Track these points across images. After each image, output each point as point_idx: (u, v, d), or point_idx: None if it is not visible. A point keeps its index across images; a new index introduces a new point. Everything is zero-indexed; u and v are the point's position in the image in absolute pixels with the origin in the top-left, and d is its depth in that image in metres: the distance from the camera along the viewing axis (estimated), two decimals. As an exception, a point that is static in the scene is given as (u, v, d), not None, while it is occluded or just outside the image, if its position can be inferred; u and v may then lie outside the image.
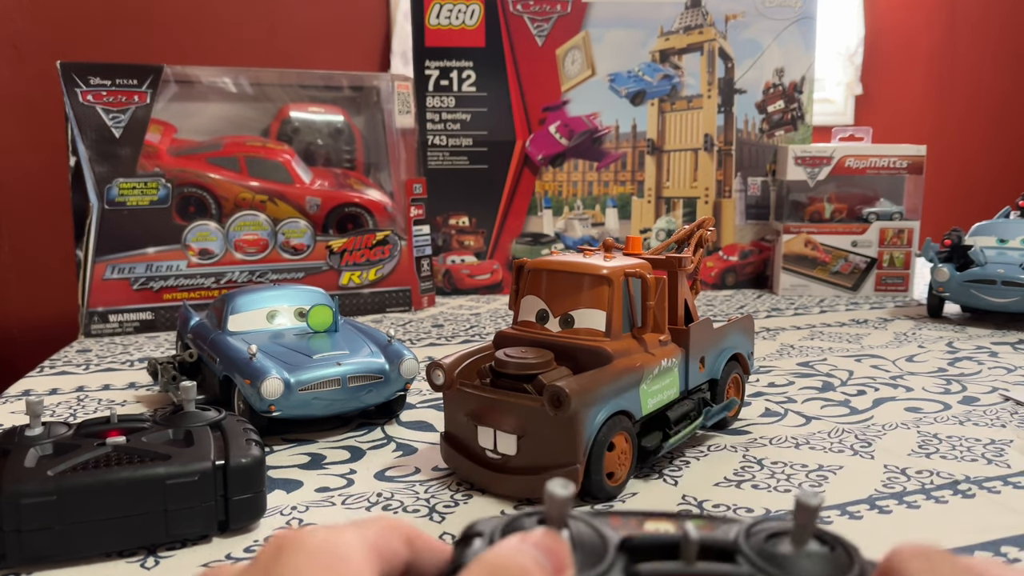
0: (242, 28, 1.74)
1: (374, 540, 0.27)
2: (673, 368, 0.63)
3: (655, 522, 0.27)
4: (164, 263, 1.14)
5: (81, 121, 1.10)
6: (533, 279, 0.63)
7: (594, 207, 1.42)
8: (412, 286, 1.26)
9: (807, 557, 0.26)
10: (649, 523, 0.27)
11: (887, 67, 2.24)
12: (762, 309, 1.27)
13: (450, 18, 1.33)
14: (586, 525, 0.26)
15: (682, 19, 1.39)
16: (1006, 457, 0.65)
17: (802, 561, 0.26)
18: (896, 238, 1.34)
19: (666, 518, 0.27)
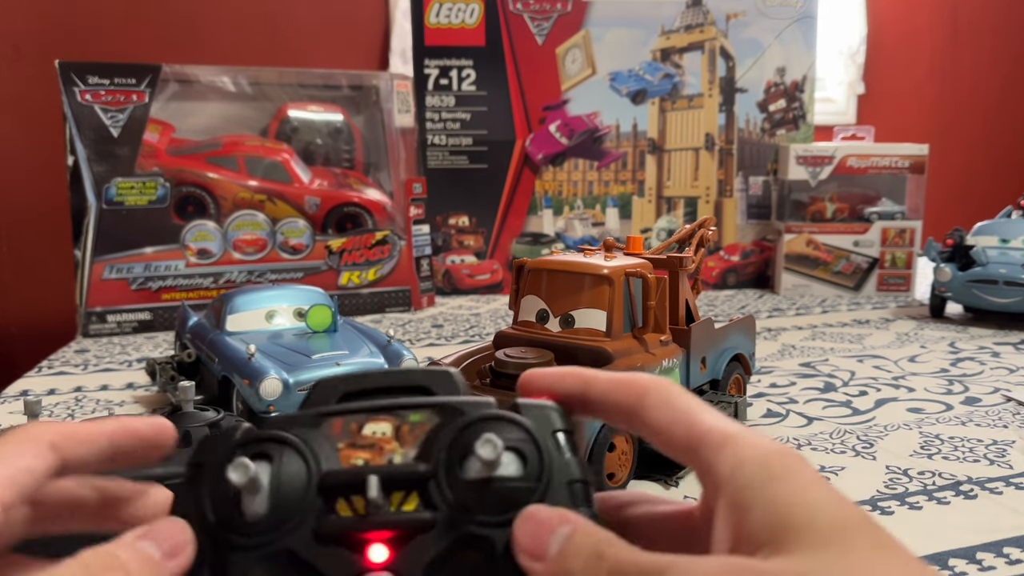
0: (241, 27, 1.74)
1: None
2: (674, 368, 0.63)
3: (374, 423, 0.28)
4: (162, 263, 1.14)
5: (79, 120, 1.10)
6: (533, 279, 0.63)
7: (594, 207, 1.42)
8: (412, 286, 1.26)
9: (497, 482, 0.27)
10: (369, 425, 0.28)
11: (889, 66, 2.24)
12: (763, 309, 1.27)
13: (450, 17, 1.33)
14: (295, 455, 0.27)
15: (683, 18, 1.38)
16: (1008, 458, 0.64)
17: (492, 488, 0.27)
18: (898, 238, 1.34)
19: (385, 415, 0.28)
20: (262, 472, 0.27)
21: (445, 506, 0.27)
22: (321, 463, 0.27)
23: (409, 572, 0.27)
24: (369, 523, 0.27)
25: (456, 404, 0.29)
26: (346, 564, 0.27)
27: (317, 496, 0.27)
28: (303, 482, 0.27)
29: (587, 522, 0.25)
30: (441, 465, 0.27)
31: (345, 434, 0.28)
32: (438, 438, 0.28)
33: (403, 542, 0.27)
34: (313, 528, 0.27)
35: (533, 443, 0.27)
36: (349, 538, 0.27)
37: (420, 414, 0.28)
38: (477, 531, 0.27)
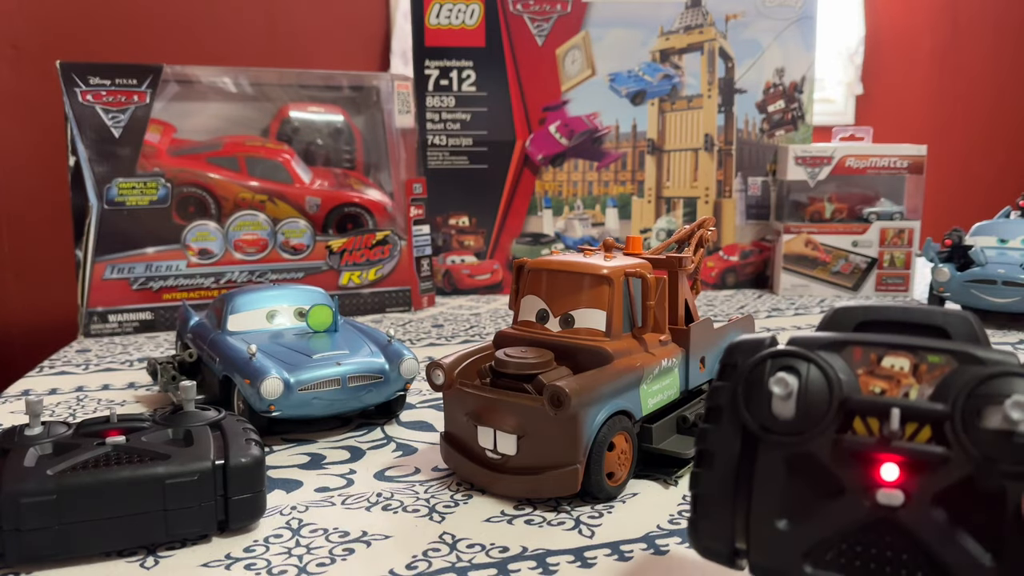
0: (242, 28, 1.74)
1: None
2: (673, 368, 0.63)
3: (894, 357, 0.32)
4: (164, 263, 1.14)
5: (81, 121, 1.10)
6: (533, 279, 0.63)
7: (594, 207, 1.42)
8: (412, 286, 1.26)
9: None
10: (888, 359, 0.32)
11: (888, 67, 2.24)
12: (762, 309, 1.27)
13: (450, 18, 1.33)
14: (819, 373, 0.32)
15: (682, 19, 1.38)
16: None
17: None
18: (896, 238, 1.34)
19: (905, 352, 0.32)
20: (789, 382, 0.32)
21: (959, 447, 0.30)
22: (842, 384, 0.32)
23: (918, 497, 0.31)
24: (890, 447, 0.31)
25: (977, 354, 0.31)
26: (860, 475, 0.31)
27: (837, 412, 0.32)
28: (825, 397, 0.32)
29: None
30: (959, 409, 0.30)
31: (865, 362, 0.33)
32: (956, 383, 0.31)
33: (913, 469, 0.31)
34: (833, 439, 0.32)
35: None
36: (865, 454, 0.31)
37: (939, 357, 0.32)
38: (991, 478, 0.30)
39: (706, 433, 0.35)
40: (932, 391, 0.31)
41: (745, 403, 0.33)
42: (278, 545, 0.52)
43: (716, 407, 0.34)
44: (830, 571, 0.32)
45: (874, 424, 0.32)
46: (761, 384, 0.32)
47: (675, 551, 0.50)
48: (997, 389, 0.30)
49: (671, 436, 0.63)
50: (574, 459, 0.55)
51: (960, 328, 0.33)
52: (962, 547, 0.31)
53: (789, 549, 0.33)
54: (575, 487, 0.55)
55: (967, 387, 0.30)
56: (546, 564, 0.48)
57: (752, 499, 0.33)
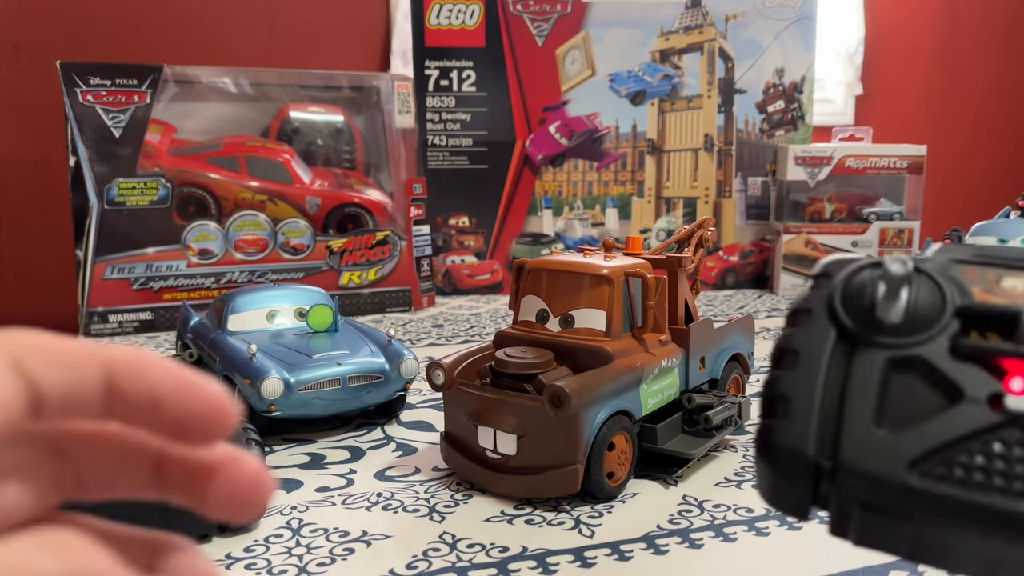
0: (242, 28, 1.74)
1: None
2: (673, 368, 0.63)
3: (1015, 278, 0.29)
4: (164, 263, 1.14)
5: (81, 121, 1.10)
6: (533, 279, 0.63)
7: (594, 207, 1.42)
8: (412, 286, 1.26)
9: None
10: (1008, 279, 0.29)
11: (887, 67, 2.24)
12: (762, 309, 1.27)
13: (450, 18, 1.33)
14: (930, 282, 0.29)
15: (682, 19, 1.39)
16: (1006, 457, 0.65)
17: None
18: (896, 238, 1.34)
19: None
20: (900, 277, 0.28)
21: None
22: (955, 294, 0.29)
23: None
24: (1017, 352, 0.27)
25: None
26: (983, 382, 0.28)
27: (953, 320, 0.28)
28: (938, 304, 0.28)
29: None
30: None
31: (981, 280, 0.29)
32: None
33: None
34: (950, 345, 0.28)
35: None
36: (990, 361, 0.28)
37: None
38: None
39: (790, 335, 0.31)
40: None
41: (843, 304, 0.30)
42: (278, 545, 0.52)
43: (804, 310, 0.30)
44: (942, 485, 0.28)
45: (993, 336, 0.28)
46: (863, 289, 0.29)
47: (675, 551, 0.50)
48: None
49: (675, 436, 0.63)
50: (574, 459, 0.55)
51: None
52: None
53: (893, 456, 0.29)
54: (575, 487, 0.55)
55: None
56: (546, 564, 0.48)
57: (845, 404, 0.29)
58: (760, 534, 0.52)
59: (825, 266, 0.31)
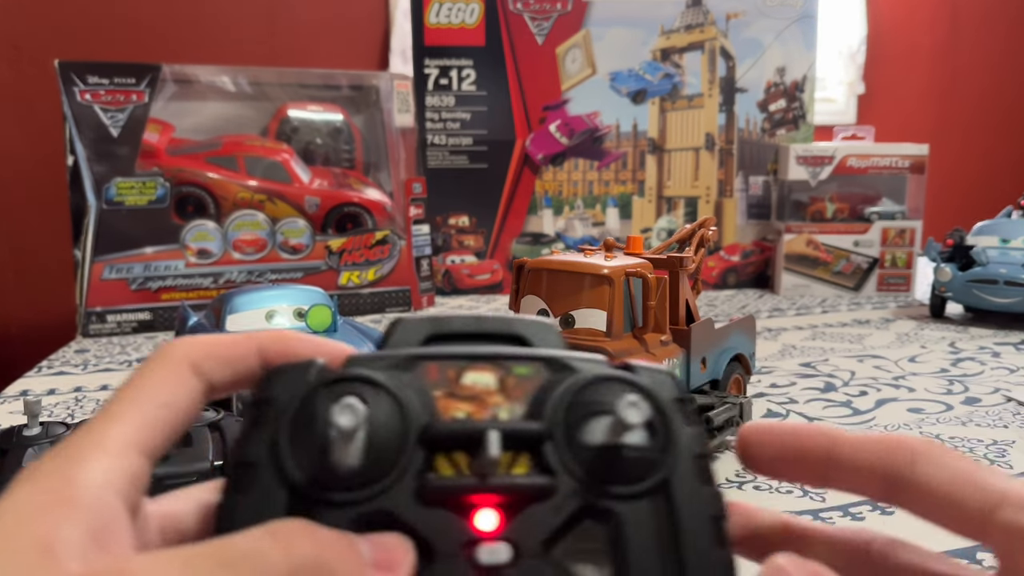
0: (240, 27, 1.74)
1: (138, 435, 0.23)
2: (674, 369, 0.63)
3: (476, 372, 0.25)
4: (162, 263, 1.14)
5: (79, 120, 1.10)
6: (533, 279, 0.63)
7: (595, 206, 1.42)
8: (412, 286, 1.26)
9: (622, 448, 0.24)
10: (470, 374, 0.25)
11: (889, 66, 2.24)
12: (764, 309, 1.27)
13: (450, 16, 1.32)
14: (389, 400, 0.23)
15: (683, 18, 1.38)
16: (1008, 458, 0.64)
17: (615, 452, 0.24)
18: (898, 238, 1.34)
19: (488, 364, 0.25)
20: (359, 411, 0.23)
21: (565, 472, 0.24)
22: (419, 412, 0.24)
23: (525, 544, 0.24)
24: (488, 484, 0.23)
25: (567, 360, 0.25)
26: (453, 530, 0.23)
27: (417, 449, 0.24)
28: (400, 433, 0.23)
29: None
30: (560, 426, 0.24)
31: (443, 382, 0.25)
32: (551, 396, 0.24)
33: (515, 509, 0.24)
34: (415, 487, 0.23)
35: (659, 411, 0.24)
36: (455, 501, 0.24)
37: (527, 367, 0.25)
38: (604, 503, 0.24)
39: (233, 508, 0.23)
40: (526, 409, 0.25)
41: (292, 453, 0.23)
42: (276, 547, 0.51)
43: (246, 465, 0.23)
44: None
45: (461, 460, 0.24)
46: (314, 424, 0.23)
47: (677, 553, 0.49)
48: (594, 397, 0.24)
49: None
50: (575, 460, 0.54)
51: (543, 336, 0.27)
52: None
53: None
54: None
55: (564, 398, 0.24)
56: (546, 566, 0.48)
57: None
58: (762, 536, 0.52)
59: (266, 385, 0.24)
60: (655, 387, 0.25)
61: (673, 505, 0.24)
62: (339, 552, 0.22)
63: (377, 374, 0.24)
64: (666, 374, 0.26)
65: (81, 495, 0.22)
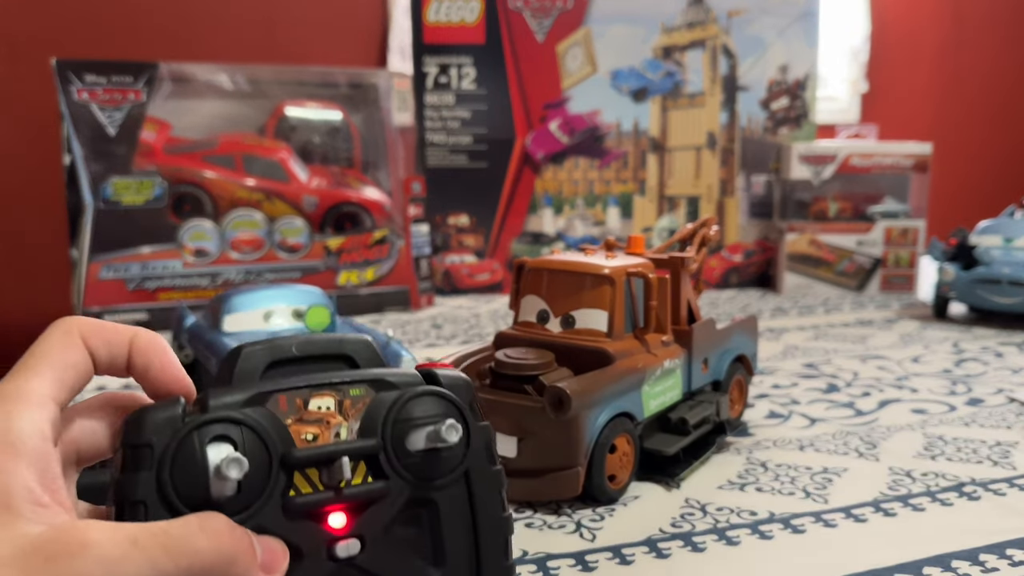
0: (238, 24, 1.73)
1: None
2: (676, 369, 0.62)
3: (319, 398, 0.31)
4: (159, 263, 1.13)
5: (76, 119, 1.09)
6: (533, 279, 0.62)
7: (595, 206, 1.41)
8: (411, 286, 1.25)
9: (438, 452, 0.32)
10: (314, 401, 0.31)
11: (892, 64, 2.23)
12: (766, 309, 1.26)
13: (449, 14, 1.32)
14: (253, 436, 0.29)
15: (685, 15, 1.37)
16: (1012, 459, 0.64)
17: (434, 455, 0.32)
18: (901, 237, 1.33)
19: (328, 390, 0.31)
20: (226, 454, 0.28)
21: (395, 475, 0.32)
22: (278, 441, 0.29)
23: (371, 535, 0.31)
24: (339, 498, 0.30)
25: (388, 378, 0.32)
26: (315, 534, 0.30)
27: (279, 473, 0.29)
28: (266, 461, 0.29)
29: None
30: (389, 440, 0.31)
31: (292, 410, 0.30)
32: (378, 413, 0.31)
33: (360, 511, 0.31)
34: (281, 505, 0.29)
35: (462, 416, 0.33)
36: (315, 511, 0.30)
37: (359, 389, 0.32)
38: (426, 494, 0.32)
39: None
40: (360, 424, 0.31)
41: (176, 491, 0.27)
42: (272, 550, 0.51)
43: (136, 503, 0.27)
44: None
45: (314, 475, 0.30)
46: (193, 464, 0.27)
47: (677, 554, 0.49)
48: (413, 412, 0.32)
49: (653, 435, 0.62)
50: (575, 461, 0.54)
51: (364, 353, 0.33)
52: (414, 571, 0.33)
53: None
54: (576, 490, 0.54)
55: (389, 415, 0.31)
56: (547, 568, 0.47)
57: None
58: (763, 537, 0.51)
59: (138, 431, 0.28)
60: (456, 394, 0.33)
61: (471, 487, 0.34)
62: (245, 549, 0.28)
63: (239, 414, 0.29)
64: (463, 380, 0.34)
65: (24, 443, 0.26)
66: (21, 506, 0.25)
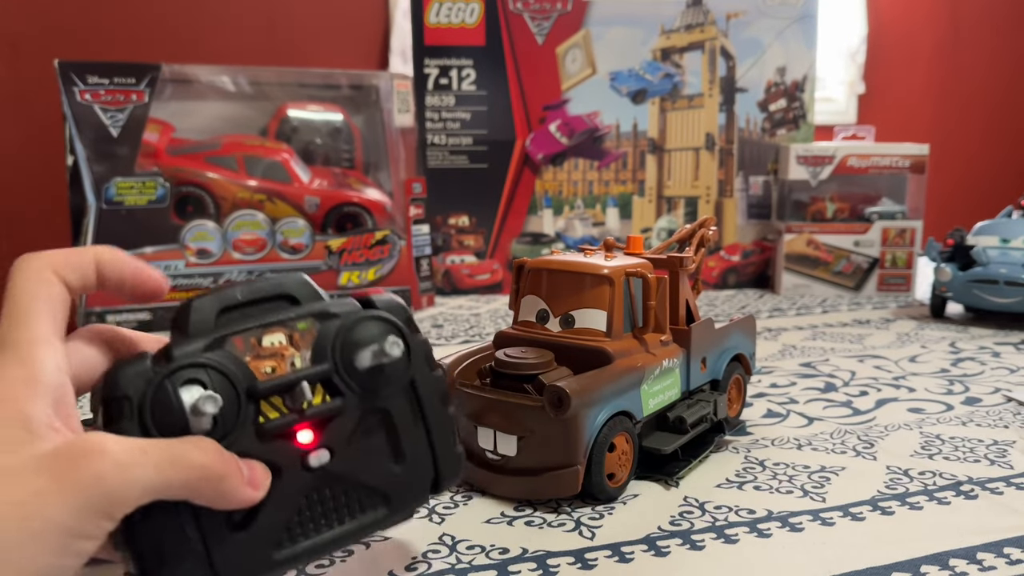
0: (240, 26, 1.74)
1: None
2: (674, 368, 0.63)
3: (271, 335, 0.35)
4: (162, 263, 1.14)
5: (79, 120, 1.10)
6: (533, 279, 0.63)
7: (595, 206, 1.42)
8: (411, 286, 1.25)
9: (384, 367, 0.36)
10: (267, 337, 0.34)
11: (890, 66, 2.24)
12: (764, 309, 1.27)
13: (449, 16, 1.32)
14: (221, 377, 0.32)
15: (683, 17, 1.38)
16: (1009, 458, 0.64)
17: (379, 371, 0.36)
18: (898, 238, 1.34)
19: (278, 327, 0.35)
20: (199, 394, 0.32)
21: (349, 391, 0.36)
22: (241, 378, 0.33)
23: (336, 444, 0.36)
24: (304, 418, 0.34)
25: (330, 310, 0.36)
26: (288, 451, 0.34)
27: (248, 404, 0.33)
28: (234, 397, 0.33)
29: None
30: (340, 362, 0.35)
31: (248, 348, 0.34)
32: (326, 340, 0.35)
33: (323, 424, 0.35)
34: (254, 432, 0.33)
35: (400, 332, 0.37)
36: (285, 431, 0.34)
37: (305, 322, 0.35)
38: (379, 404, 0.37)
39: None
40: (311, 353, 0.35)
41: (160, 434, 0.31)
42: (275, 547, 0.51)
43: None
44: (299, 541, 0.35)
45: (278, 402, 0.34)
46: (171, 408, 0.31)
47: (676, 552, 0.49)
48: (357, 334, 0.36)
49: (651, 434, 0.62)
50: (574, 460, 0.54)
51: (303, 290, 0.37)
52: (381, 468, 0.38)
53: (258, 551, 0.34)
54: (575, 488, 0.55)
55: (336, 341, 0.35)
56: (546, 566, 0.48)
57: (201, 523, 0.32)
58: (762, 535, 0.51)
59: (115, 386, 0.31)
60: (394, 314, 0.37)
61: (418, 391, 0.38)
62: (233, 467, 0.32)
63: (202, 358, 0.32)
64: (397, 302, 0.38)
65: (46, 377, 0.30)
66: (39, 428, 0.29)
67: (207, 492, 0.31)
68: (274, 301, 0.36)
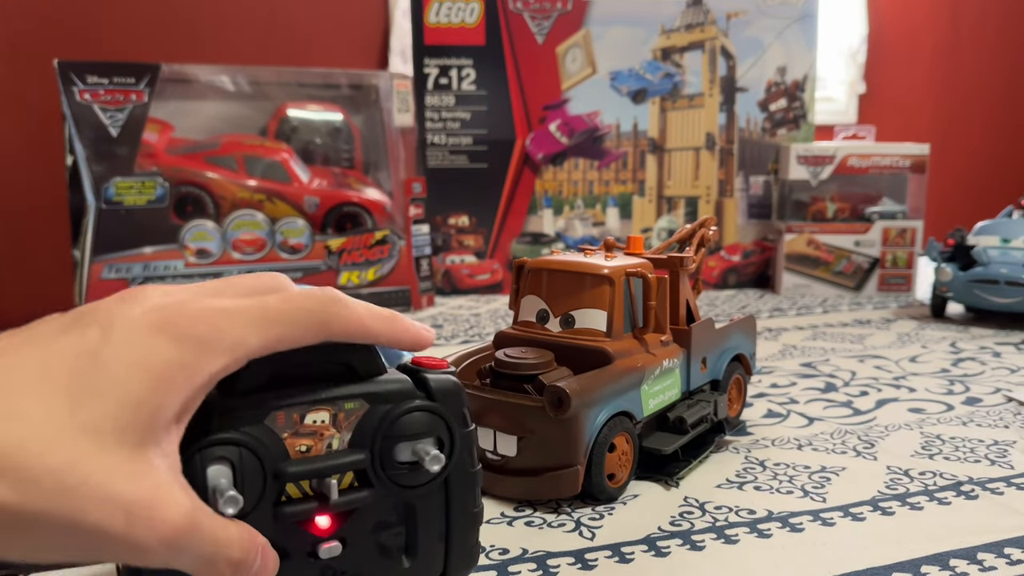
0: (240, 26, 1.73)
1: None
2: (675, 369, 0.63)
3: (315, 413, 0.33)
4: (161, 263, 1.14)
5: (78, 120, 1.10)
6: (533, 279, 0.63)
7: (595, 206, 1.42)
8: (411, 286, 1.25)
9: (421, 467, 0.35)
10: (310, 415, 0.33)
11: (890, 65, 2.24)
12: (764, 309, 1.26)
13: (449, 16, 1.32)
14: (251, 457, 0.31)
15: (683, 17, 1.38)
16: (1009, 458, 0.64)
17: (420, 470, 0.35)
18: (899, 238, 1.33)
19: (324, 405, 0.33)
20: (224, 475, 0.30)
21: (380, 484, 0.34)
22: (273, 457, 0.32)
23: (354, 538, 0.34)
24: (326, 508, 0.33)
25: (383, 393, 0.34)
26: (301, 537, 0.33)
27: (273, 484, 0.32)
28: (260, 477, 0.31)
29: None
30: (377, 453, 0.34)
31: (288, 424, 0.32)
32: (370, 426, 0.34)
33: (345, 516, 0.34)
34: (272, 513, 0.32)
35: (447, 427, 0.35)
36: (302, 518, 0.33)
37: (353, 402, 0.34)
38: (408, 500, 0.35)
39: None
40: (351, 436, 0.34)
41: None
42: (275, 548, 0.51)
43: None
44: None
45: (305, 483, 0.33)
46: (195, 484, 0.30)
47: (676, 553, 0.49)
48: (402, 427, 0.34)
49: (651, 434, 0.62)
50: (574, 460, 0.54)
51: (366, 361, 0.35)
52: (389, 565, 0.36)
53: None
54: (576, 488, 0.55)
55: (379, 432, 0.34)
56: (546, 566, 0.48)
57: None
58: (762, 536, 0.51)
59: None
60: (446, 401, 0.35)
61: (449, 488, 0.36)
62: (254, 556, 0.30)
63: (237, 435, 0.31)
64: (452, 385, 0.36)
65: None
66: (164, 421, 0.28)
67: (221, 571, 0.30)
68: (333, 369, 0.34)
